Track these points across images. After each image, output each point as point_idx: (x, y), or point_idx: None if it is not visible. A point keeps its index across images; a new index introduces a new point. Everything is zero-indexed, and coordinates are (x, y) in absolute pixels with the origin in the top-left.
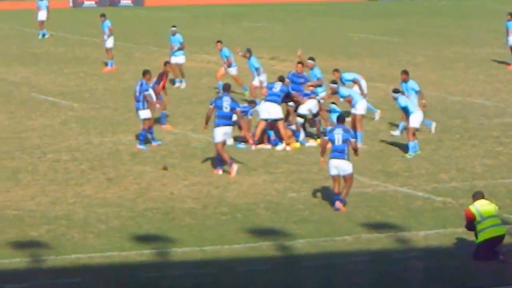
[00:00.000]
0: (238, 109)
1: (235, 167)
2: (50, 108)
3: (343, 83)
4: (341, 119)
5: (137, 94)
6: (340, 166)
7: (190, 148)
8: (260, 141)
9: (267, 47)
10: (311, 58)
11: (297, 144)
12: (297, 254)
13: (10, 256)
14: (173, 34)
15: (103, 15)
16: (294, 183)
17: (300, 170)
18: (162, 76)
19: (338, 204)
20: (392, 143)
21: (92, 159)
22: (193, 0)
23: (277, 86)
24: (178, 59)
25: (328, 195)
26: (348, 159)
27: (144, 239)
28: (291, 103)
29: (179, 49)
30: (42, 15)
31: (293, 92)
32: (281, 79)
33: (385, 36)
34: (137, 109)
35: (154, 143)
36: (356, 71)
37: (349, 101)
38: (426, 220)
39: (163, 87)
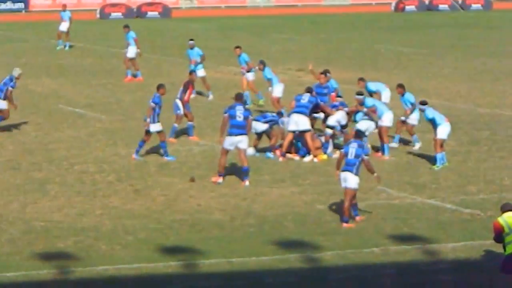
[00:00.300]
0: (250, 118)
1: (219, 180)
2: (77, 120)
3: (368, 92)
4: (358, 134)
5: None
6: (347, 179)
7: (217, 160)
8: (287, 153)
9: (295, 59)
10: (327, 71)
11: (324, 156)
12: (325, 266)
13: (38, 267)
14: (192, 48)
15: (126, 26)
16: (322, 194)
17: (327, 182)
18: (188, 85)
19: (344, 225)
20: (420, 155)
21: (119, 171)
22: (220, 12)
23: (305, 98)
24: (199, 72)
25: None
26: (356, 174)
27: (171, 250)
28: (317, 114)
29: (199, 62)
30: (64, 26)
31: (321, 104)
32: (309, 90)
33: (413, 48)
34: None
35: (135, 156)
36: (384, 83)
37: (373, 111)
38: (454, 232)
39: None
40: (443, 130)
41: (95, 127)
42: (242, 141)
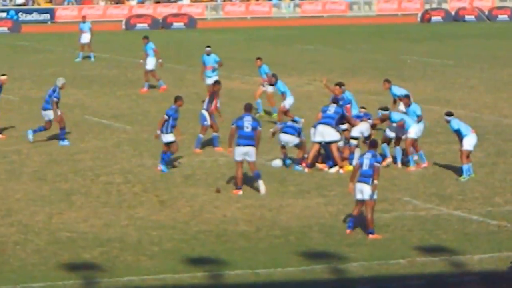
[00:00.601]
0: (259, 129)
1: (239, 192)
2: (103, 131)
3: (392, 96)
4: (372, 144)
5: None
6: (364, 191)
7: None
8: (313, 164)
9: (320, 70)
10: (341, 83)
11: (350, 167)
12: (350, 278)
13: (64, 278)
14: (208, 54)
15: (146, 37)
16: (347, 206)
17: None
18: (213, 95)
19: (370, 237)
20: (446, 166)
21: (145, 182)
22: (246, 23)
23: (331, 109)
24: (213, 79)
25: (381, 218)
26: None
27: (197, 261)
28: (343, 126)
29: (216, 68)
30: (86, 38)
31: (347, 114)
32: (335, 101)
33: (439, 59)
34: (161, 132)
35: (160, 167)
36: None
37: (401, 125)
38: (481, 243)
39: (216, 107)
40: (469, 141)
41: (121, 138)
42: (249, 153)
